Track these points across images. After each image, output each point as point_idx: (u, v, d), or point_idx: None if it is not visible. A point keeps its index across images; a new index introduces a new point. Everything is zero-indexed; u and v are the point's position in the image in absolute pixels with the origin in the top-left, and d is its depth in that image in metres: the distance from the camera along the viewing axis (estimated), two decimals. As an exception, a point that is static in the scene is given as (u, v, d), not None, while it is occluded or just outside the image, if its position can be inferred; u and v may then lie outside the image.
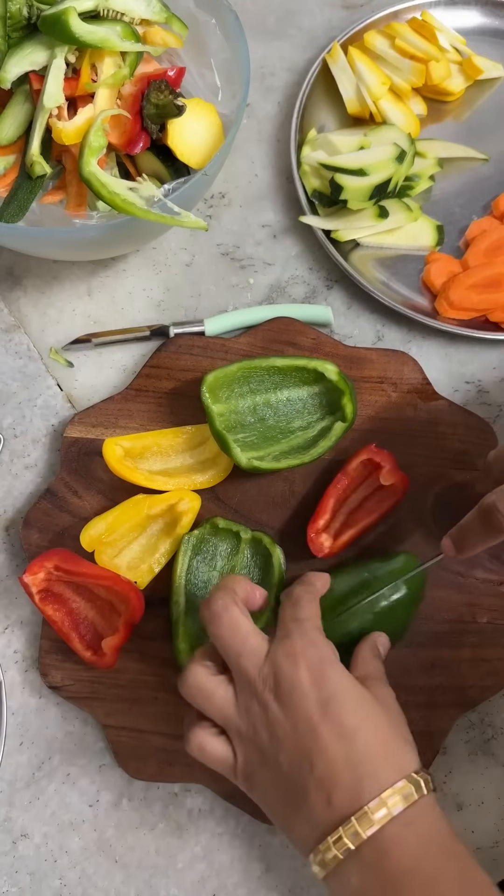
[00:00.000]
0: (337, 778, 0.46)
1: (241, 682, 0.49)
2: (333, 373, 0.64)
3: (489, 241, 0.72)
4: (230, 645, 0.50)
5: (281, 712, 0.47)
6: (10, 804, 0.61)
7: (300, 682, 0.48)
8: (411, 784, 0.45)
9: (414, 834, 0.44)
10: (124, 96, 0.63)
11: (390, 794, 0.45)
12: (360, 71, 0.77)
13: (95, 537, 0.62)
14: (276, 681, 0.48)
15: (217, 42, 0.67)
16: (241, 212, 0.77)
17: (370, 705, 0.49)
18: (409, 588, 0.59)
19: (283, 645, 0.49)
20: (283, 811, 0.48)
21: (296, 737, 0.47)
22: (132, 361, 0.72)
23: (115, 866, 0.60)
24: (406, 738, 0.50)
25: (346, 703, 0.48)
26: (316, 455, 0.63)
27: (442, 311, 0.71)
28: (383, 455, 0.63)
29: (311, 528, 0.62)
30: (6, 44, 0.61)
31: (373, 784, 0.45)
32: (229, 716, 0.49)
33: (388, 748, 0.47)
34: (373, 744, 0.47)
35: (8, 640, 0.65)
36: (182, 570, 0.62)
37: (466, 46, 0.80)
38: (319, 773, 0.46)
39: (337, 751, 0.46)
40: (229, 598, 0.51)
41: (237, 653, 0.49)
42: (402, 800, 0.45)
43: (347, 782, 0.45)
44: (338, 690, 0.48)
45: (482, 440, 0.68)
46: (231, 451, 0.61)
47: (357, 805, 0.45)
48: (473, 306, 0.70)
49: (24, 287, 0.74)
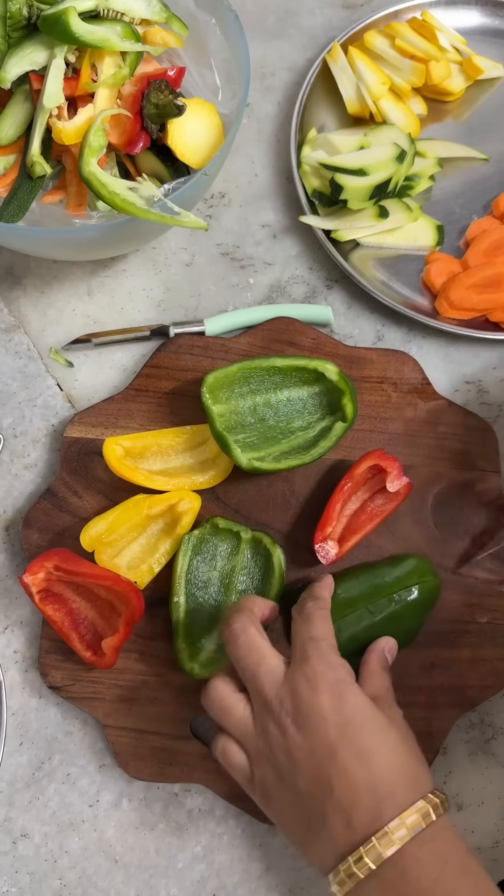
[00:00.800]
0: (357, 800, 0.46)
1: (258, 702, 0.50)
2: (333, 373, 0.64)
3: (489, 241, 0.72)
4: (247, 665, 0.50)
5: (299, 735, 0.48)
6: (10, 804, 0.61)
7: (319, 706, 0.48)
8: (429, 804, 0.46)
9: (431, 852, 0.45)
10: (124, 96, 0.62)
11: (409, 814, 0.45)
12: (360, 71, 0.77)
13: (95, 537, 0.62)
14: (295, 704, 0.48)
15: (217, 42, 0.67)
16: (241, 212, 0.77)
17: (386, 727, 0.49)
18: (421, 593, 0.59)
19: (300, 668, 0.50)
20: (299, 831, 0.49)
21: (314, 760, 0.47)
22: (132, 361, 0.72)
23: (115, 866, 0.60)
24: (420, 757, 0.50)
25: (364, 726, 0.48)
26: (317, 455, 0.63)
27: (442, 311, 0.71)
28: (390, 461, 0.62)
29: (317, 536, 0.62)
30: (6, 44, 0.61)
31: (392, 805, 0.46)
32: (247, 734, 0.50)
33: (404, 769, 0.48)
34: (390, 765, 0.47)
35: (8, 640, 0.65)
36: (182, 571, 0.62)
37: (466, 46, 0.80)
38: (339, 796, 0.46)
39: (356, 773, 0.47)
40: (247, 618, 0.52)
41: (254, 673, 0.50)
42: (421, 819, 0.45)
43: (367, 804, 0.46)
44: (355, 713, 0.48)
45: (482, 440, 0.68)
46: (231, 452, 0.61)
47: (377, 826, 0.45)
48: (473, 306, 0.70)
49: (24, 287, 0.74)
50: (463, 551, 0.65)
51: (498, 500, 0.66)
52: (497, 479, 0.67)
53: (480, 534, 0.66)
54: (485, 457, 0.67)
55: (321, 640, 0.51)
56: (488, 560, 0.65)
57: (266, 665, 0.50)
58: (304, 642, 0.51)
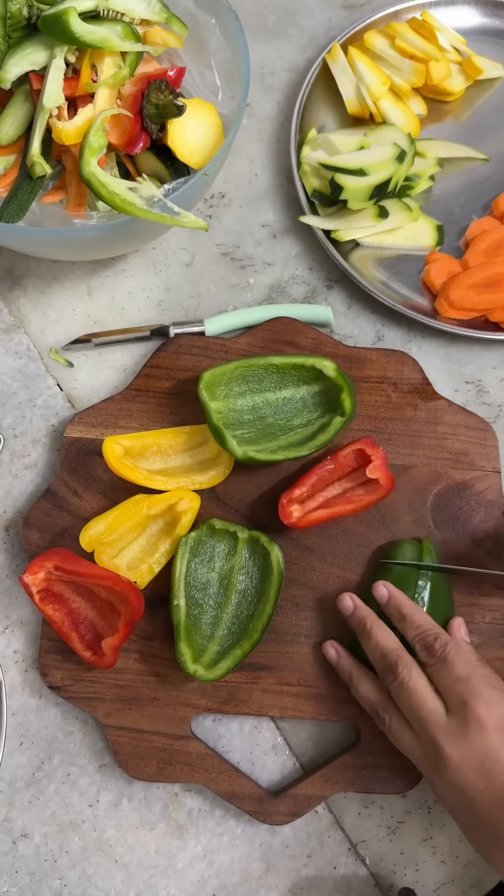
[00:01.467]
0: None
1: (424, 741, 0.54)
2: (331, 369, 0.64)
3: (489, 241, 0.72)
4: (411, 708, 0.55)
5: (473, 775, 0.51)
6: (10, 804, 0.61)
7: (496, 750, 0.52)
8: None
9: None
10: (124, 96, 0.62)
11: None
12: (360, 71, 0.77)
13: (95, 537, 0.62)
14: (475, 754, 0.52)
15: (217, 42, 0.67)
16: (241, 212, 0.77)
17: None
18: (433, 579, 0.62)
19: (461, 714, 0.53)
20: (480, 838, 0.52)
21: (494, 794, 0.51)
22: (132, 361, 0.72)
23: (115, 866, 0.60)
24: None
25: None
26: (314, 447, 0.63)
27: (442, 311, 0.71)
28: (377, 451, 0.63)
29: (284, 496, 0.62)
30: (6, 44, 0.61)
31: None
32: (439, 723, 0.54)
33: None
34: None
35: (8, 640, 0.65)
36: (181, 573, 0.62)
37: (466, 46, 0.80)
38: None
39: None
40: (411, 665, 0.56)
41: (419, 717, 0.54)
42: None
43: None
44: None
45: (482, 440, 0.68)
46: (227, 444, 0.61)
47: None
48: (473, 306, 0.70)
49: (24, 287, 0.74)
50: (463, 551, 0.65)
51: (498, 500, 0.66)
52: (497, 479, 0.67)
53: (480, 534, 0.66)
54: (485, 457, 0.67)
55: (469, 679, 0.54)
56: (488, 560, 0.65)
57: (426, 708, 0.54)
58: (453, 685, 0.54)
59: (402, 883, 0.61)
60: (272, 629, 0.63)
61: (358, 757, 0.61)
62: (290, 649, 0.63)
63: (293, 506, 0.63)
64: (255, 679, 0.62)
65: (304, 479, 0.63)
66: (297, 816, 0.60)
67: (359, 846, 0.62)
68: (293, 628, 0.64)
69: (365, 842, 0.62)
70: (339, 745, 0.63)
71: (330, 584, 0.64)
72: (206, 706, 0.62)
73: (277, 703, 0.62)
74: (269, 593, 0.61)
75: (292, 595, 0.64)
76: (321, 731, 0.64)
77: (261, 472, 0.66)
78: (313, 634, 0.63)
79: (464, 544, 0.66)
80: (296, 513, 0.62)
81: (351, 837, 0.62)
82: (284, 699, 0.62)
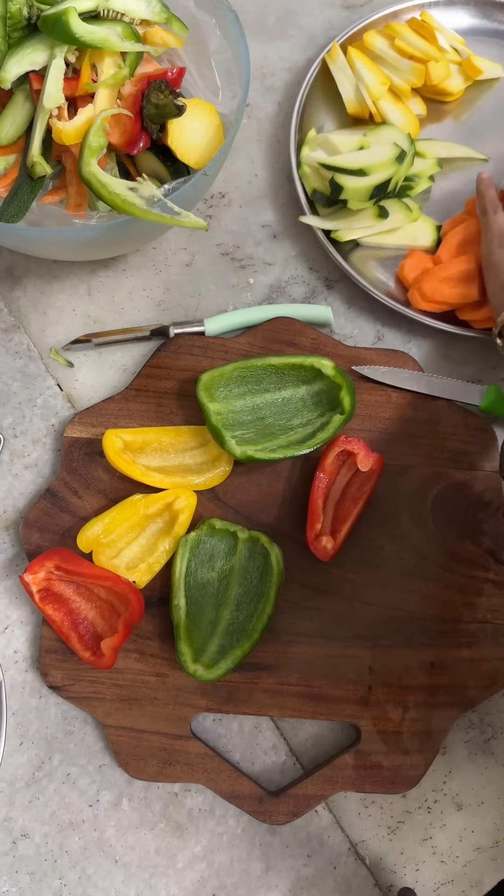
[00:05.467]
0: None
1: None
2: (329, 368, 0.64)
3: (460, 238, 0.72)
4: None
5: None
6: (10, 804, 0.61)
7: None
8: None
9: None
10: (124, 96, 0.62)
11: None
12: (359, 71, 0.77)
13: (93, 539, 0.62)
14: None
15: (217, 42, 0.67)
16: (241, 212, 0.77)
17: None
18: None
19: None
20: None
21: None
22: (132, 361, 0.72)
23: (115, 866, 0.60)
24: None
25: None
26: (313, 445, 0.63)
27: (414, 303, 0.71)
28: (354, 443, 0.64)
29: (309, 535, 0.62)
30: (6, 44, 0.61)
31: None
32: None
33: None
34: None
35: (8, 640, 0.65)
36: (181, 573, 0.62)
37: (465, 47, 0.80)
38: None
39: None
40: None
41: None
42: None
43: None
44: None
45: (482, 440, 0.68)
46: (226, 444, 0.61)
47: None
48: (445, 299, 0.70)
49: (24, 287, 0.74)
50: (463, 551, 0.65)
51: (498, 500, 0.67)
52: (497, 479, 0.67)
53: (480, 534, 0.66)
54: (485, 457, 0.67)
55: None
56: (488, 559, 0.65)
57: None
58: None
59: (401, 883, 0.61)
60: (272, 629, 0.63)
61: (358, 757, 0.61)
62: (290, 649, 0.63)
63: (322, 539, 0.63)
64: (255, 679, 0.62)
65: (311, 508, 0.63)
66: (297, 816, 0.60)
67: (359, 846, 0.62)
68: (293, 628, 0.64)
69: (365, 842, 0.62)
70: (339, 745, 0.63)
71: (330, 584, 0.64)
72: (206, 706, 0.62)
73: (277, 703, 0.62)
74: (269, 593, 0.61)
75: (292, 595, 0.64)
76: (321, 731, 0.64)
77: (261, 472, 0.66)
78: (313, 634, 0.64)
79: (464, 544, 0.66)
80: (328, 545, 0.63)
81: (351, 837, 0.62)
82: (284, 699, 0.62)
